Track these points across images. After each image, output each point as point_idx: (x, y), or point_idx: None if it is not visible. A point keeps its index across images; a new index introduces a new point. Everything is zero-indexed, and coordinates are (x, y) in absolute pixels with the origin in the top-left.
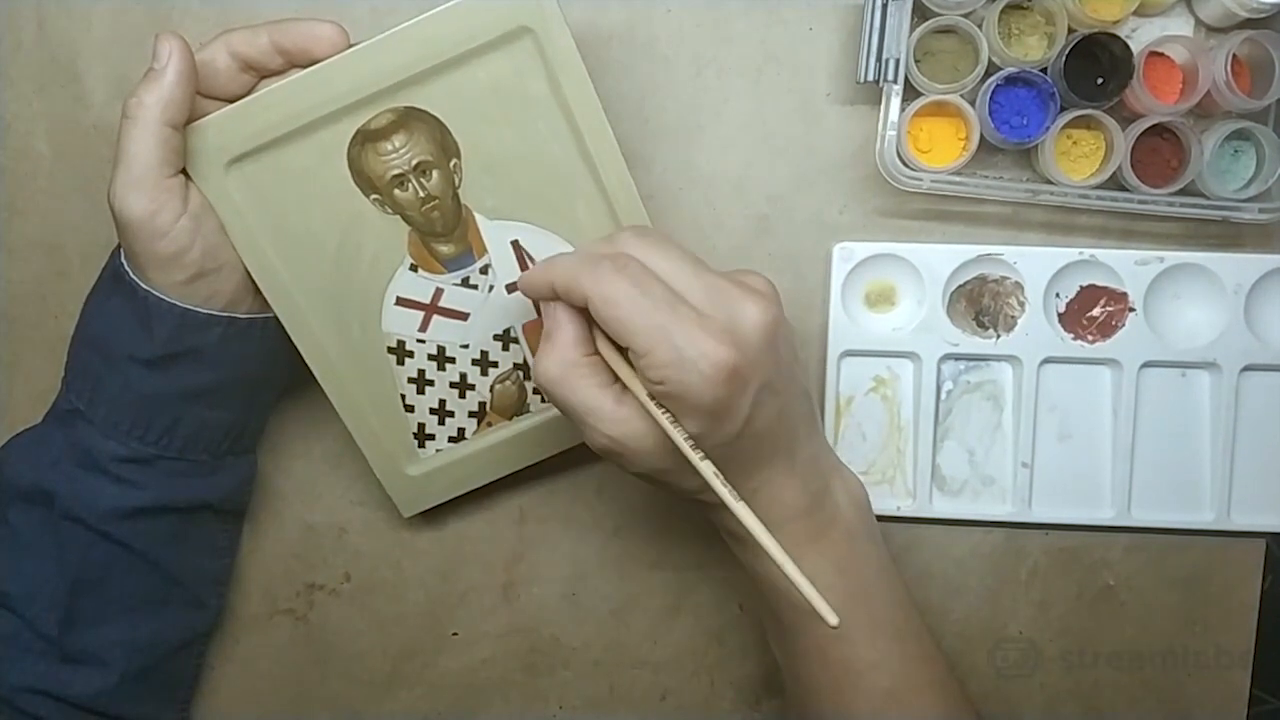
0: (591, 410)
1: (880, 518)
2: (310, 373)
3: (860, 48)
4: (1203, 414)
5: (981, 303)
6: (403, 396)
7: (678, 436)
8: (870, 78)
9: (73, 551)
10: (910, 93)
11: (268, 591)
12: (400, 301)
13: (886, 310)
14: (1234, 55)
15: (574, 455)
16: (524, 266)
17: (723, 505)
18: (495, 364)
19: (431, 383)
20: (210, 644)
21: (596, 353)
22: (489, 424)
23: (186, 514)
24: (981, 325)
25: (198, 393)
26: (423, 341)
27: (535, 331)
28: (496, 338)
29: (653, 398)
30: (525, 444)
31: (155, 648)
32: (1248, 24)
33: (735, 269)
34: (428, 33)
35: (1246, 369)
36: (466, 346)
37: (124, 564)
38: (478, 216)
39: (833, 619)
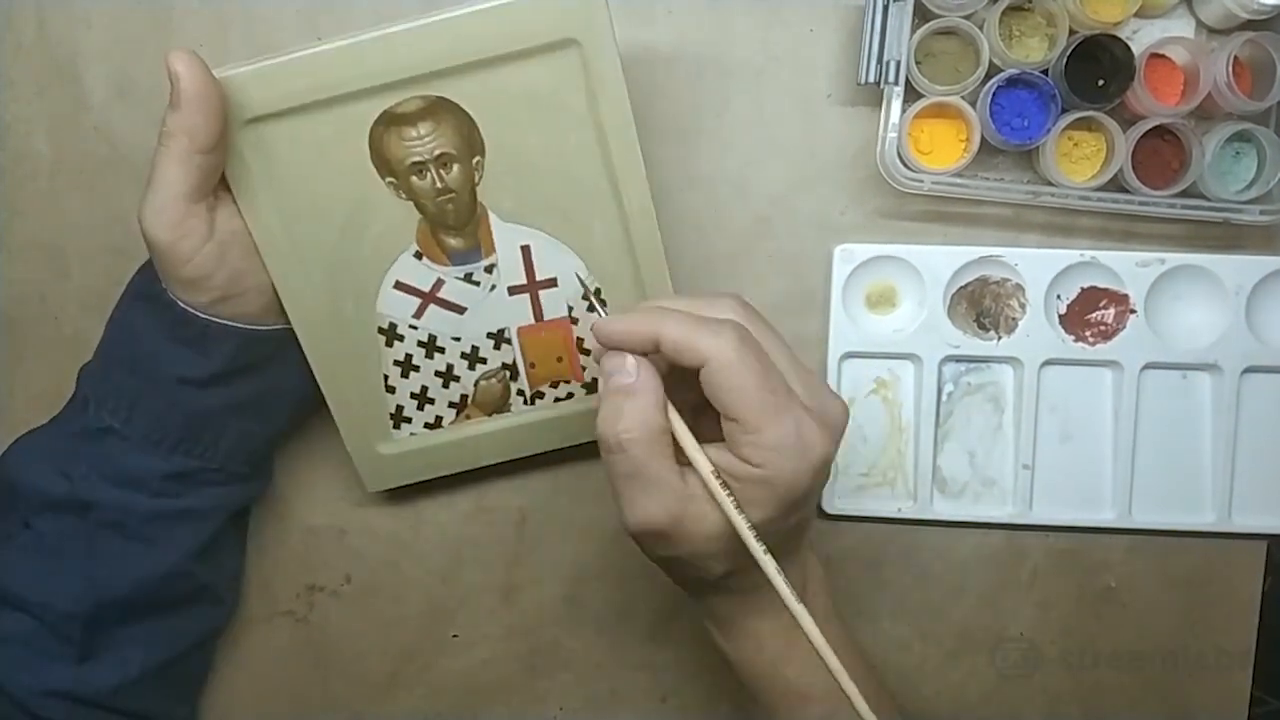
0: (658, 482)
1: (881, 520)
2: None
3: (861, 49)
4: (1204, 416)
5: (982, 304)
6: (385, 377)
7: (743, 525)
8: (871, 79)
9: (105, 560)
10: (911, 94)
11: (268, 593)
12: (399, 285)
13: (887, 312)
14: (1235, 57)
15: (574, 457)
16: (530, 272)
17: (712, 591)
18: (484, 360)
19: (417, 368)
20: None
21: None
22: (467, 417)
23: (220, 520)
24: (982, 327)
25: (246, 404)
26: (415, 328)
27: (530, 335)
28: (490, 335)
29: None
30: (500, 441)
31: (175, 644)
32: (1249, 25)
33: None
34: (474, 27)
35: (1247, 371)
36: (458, 339)
37: (157, 571)
38: (492, 216)
39: None
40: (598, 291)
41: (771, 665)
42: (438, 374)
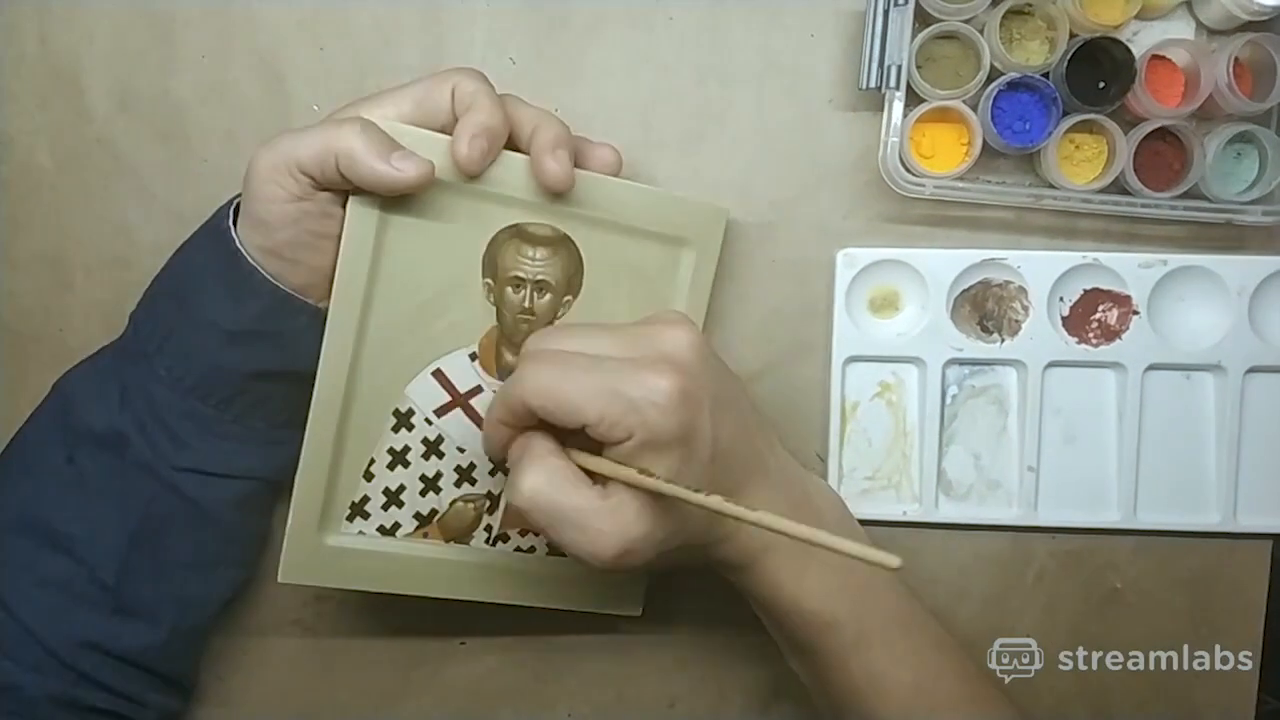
0: (584, 509)
1: (886, 523)
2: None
3: (862, 54)
4: (1207, 416)
5: (985, 307)
6: (371, 461)
7: (670, 487)
8: (872, 84)
9: (136, 500)
10: (912, 99)
11: (276, 602)
12: (438, 375)
13: (891, 316)
14: (1236, 58)
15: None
16: None
17: (728, 537)
18: (474, 481)
19: (407, 464)
20: (219, 655)
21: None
22: (424, 535)
23: (246, 483)
24: (986, 330)
25: (267, 374)
26: (429, 423)
27: None
28: (492, 460)
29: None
30: (445, 575)
31: (204, 606)
32: (1249, 26)
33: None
34: (624, 195)
35: (1251, 371)
36: (463, 450)
37: (186, 520)
38: None
39: (894, 561)
40: None
41: (793, 602)
42: (422, 478)
